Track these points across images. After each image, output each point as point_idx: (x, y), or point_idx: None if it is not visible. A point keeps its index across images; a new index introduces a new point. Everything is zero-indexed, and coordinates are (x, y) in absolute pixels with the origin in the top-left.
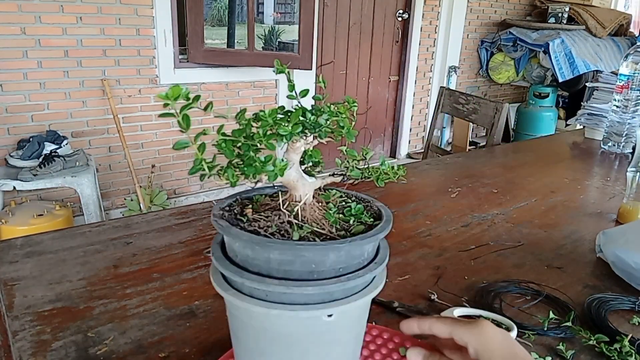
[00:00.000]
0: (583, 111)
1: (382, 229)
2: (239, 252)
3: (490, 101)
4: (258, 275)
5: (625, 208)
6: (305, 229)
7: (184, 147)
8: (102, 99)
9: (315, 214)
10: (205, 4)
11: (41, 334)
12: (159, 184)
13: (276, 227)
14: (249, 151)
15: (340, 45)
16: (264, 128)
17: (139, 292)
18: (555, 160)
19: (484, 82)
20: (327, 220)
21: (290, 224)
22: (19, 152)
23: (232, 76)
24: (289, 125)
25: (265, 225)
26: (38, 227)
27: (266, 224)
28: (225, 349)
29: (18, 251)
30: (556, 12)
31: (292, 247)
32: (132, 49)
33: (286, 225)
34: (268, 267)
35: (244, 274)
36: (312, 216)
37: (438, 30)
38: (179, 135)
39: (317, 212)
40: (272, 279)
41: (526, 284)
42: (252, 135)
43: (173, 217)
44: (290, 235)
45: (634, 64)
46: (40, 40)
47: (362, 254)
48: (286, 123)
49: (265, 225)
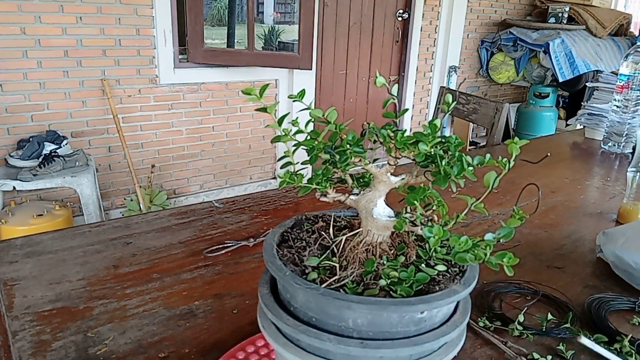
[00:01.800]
0: (583, 111)
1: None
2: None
3: (490, 101)
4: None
5: (625, 208)
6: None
7: (279, 141)
8: (102, 99)
9: (360, 256)
10: (205, 3)
11: (41, 334)
12: (158, 184)
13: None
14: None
15: (340, 45)
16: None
17: (138, 292)
18: (555, 160)
19: (484, 82)
20: (361, 265)
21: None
22: (19, 152)
23: (232, 76)
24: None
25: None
26: (38, 227)
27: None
28: (225, 349)
29: (18, 251)
30: (556, 12)
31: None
32: (132, 49)
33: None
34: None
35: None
36: (351, 255)
37: (438, 30)
38: (178, 136)
39: (364, 255)
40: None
41: (526, 284)
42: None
43: (173, 217)
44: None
45: (634, 64)
46: (40, 40)
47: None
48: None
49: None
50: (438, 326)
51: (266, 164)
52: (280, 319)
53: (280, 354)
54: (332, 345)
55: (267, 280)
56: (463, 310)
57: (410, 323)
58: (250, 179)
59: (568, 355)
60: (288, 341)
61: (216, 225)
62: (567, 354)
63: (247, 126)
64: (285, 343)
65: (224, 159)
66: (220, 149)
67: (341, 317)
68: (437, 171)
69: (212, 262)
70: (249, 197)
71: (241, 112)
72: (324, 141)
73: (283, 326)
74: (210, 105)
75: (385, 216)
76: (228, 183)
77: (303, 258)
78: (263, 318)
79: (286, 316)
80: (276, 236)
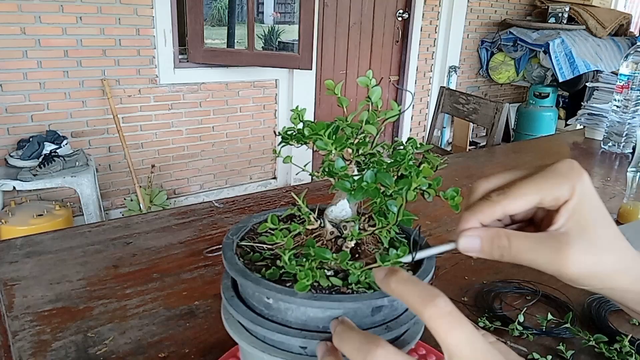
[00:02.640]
0: (583, 111)
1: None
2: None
3: (490, 101)
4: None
5: (625, 208)
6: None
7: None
8: (102, 99)
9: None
10: (205, 3)
11: (41, 334)
12: (158, 184)
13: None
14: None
15: (340, 45)
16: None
17: (138, 292)
18: (555, 160)
19: (484, 82)
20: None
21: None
22: (19, 152)
23: (232, 76)
24: None
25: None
26: (38, 227)
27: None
28: (225, 349)
29: (18, 251)
30: (556, 12)
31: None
32: (132, 49)
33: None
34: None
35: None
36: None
37: (438, 30)
38: (178, 136)
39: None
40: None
41: (526, 284)
42: None
43: (173, 217)
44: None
45: (634, 64)
46: (40, 40)
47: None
48: None
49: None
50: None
51: (266, 164)
52: (249, 317)
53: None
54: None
55: (227, 287)
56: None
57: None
58: (250, 179)
59: (568, 355)
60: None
61: (216, 225)
62: (567, 354)
63: (247, 126)
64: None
65: (224, 159)
66: (220, 149)
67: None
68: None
69: (212, 262)
70: (249, 197)
71: (241, 112)
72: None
73: (247, 323)
74: (210, 105)
75: (339, 213)
76: (228, 183)
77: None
78: (227, 315)
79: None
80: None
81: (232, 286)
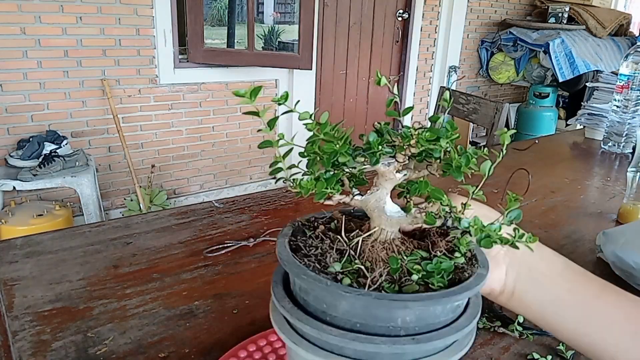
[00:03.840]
0: (583, 111)
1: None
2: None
3: (490, 101)
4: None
5: (625, 208)
6: (344, 266)
7: (268, 147)
8: (102, 99)
9: (380, 255)
10: (205, 3)
11: (41, 334)
12: (158, 184)
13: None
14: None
15: (340, 45)
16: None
17: (138, 292)
18: (555, 160)
19: (484, 82)
20: (385, 264)
21: (341, 253)
22: (19, 152)
23: (232, 76)
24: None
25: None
26: (38, 227)
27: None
28: (225, 349)
29: (18, 251)
30: (556, 12)
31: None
32: (132, 49)
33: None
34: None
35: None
36: (372, 256)
37: (438, 30)
38: (178, 136)
39: (384, 253)
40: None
41: None
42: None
43: (173, 217)
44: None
45: (634, 64)
46: (40, 40)
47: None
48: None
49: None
50: (464, 310)
51: (266, 164)
52: (324, 331)
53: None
54: (387, 347)
55: (283, 296)
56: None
57: (450, 311)
58: (250, 179)
59: (568, 355)
60: (329, 352)
61: (216, 225)
62: (567, 354)
63: (247, 126)
64: (327, 355)
65: (224, 159)
66: (220, 149)
67: (390, 318)
68: (448, 164)
69: (212, 262)
70: (249, 197)
71: (241, 112)
72: (342, 144)
73: (328, 337)
74: (210, 105)
75: (395, 212)
76: (228, 183)
77: (324, 265)
78: (291, 335)
79: (329, 328)
80: (287, 247)
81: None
